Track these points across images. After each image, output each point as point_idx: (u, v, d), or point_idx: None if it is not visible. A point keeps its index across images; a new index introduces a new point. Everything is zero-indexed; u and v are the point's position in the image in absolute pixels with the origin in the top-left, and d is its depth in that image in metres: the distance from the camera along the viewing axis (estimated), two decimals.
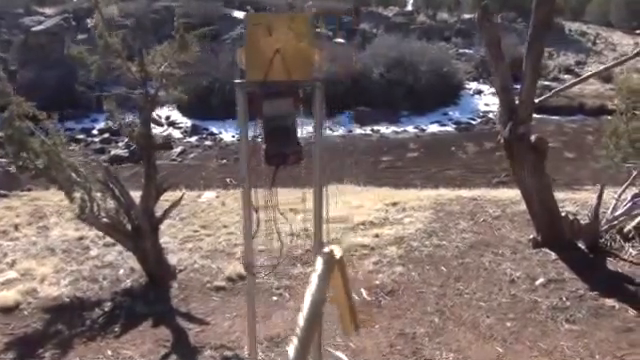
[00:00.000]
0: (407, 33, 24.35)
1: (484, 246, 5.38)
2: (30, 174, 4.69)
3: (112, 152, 16.21)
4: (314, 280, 1.83)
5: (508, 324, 4.03)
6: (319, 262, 1.89)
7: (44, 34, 21.13)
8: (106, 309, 4.48)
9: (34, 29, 21.64)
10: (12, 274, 5.12)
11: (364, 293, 4.58)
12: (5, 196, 8.49)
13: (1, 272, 5.20)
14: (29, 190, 8.71)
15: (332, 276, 2.02)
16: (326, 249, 2.04)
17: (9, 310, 4.45)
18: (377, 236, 5.79)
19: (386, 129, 18.80)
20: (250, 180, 2.11)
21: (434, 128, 19.06)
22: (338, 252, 1.97)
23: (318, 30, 24.39)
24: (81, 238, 6.05)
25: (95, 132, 18.60)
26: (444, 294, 4.55)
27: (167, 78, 4.67)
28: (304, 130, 2.09)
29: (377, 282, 4.76)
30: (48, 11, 24.92)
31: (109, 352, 3.86)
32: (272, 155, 1.93)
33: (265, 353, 3.73)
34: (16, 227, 6.63)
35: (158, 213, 4.89)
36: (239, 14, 24.27)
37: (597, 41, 28.83)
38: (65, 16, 23.32)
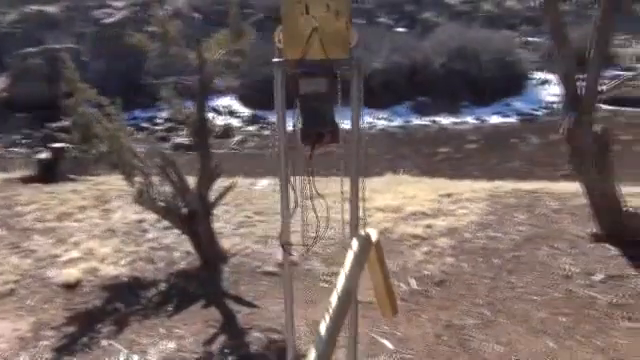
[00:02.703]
0: (471, 21, 23.75)
1: (541, 239, 5.20)
2: (93, 159, 4.91)
3: (175, 140, 16.79)
4: (348, 262, 1.83)
5: (562, 319, 3.88)
6: (354, 244, 1.89)
7: (114, 26, 22.02)
8: (161, 289, 4.65)
9: (104, 21, 22.65)
10: (75, 253, 5.39)
11: (413, 283, 4.54)
12: (73, 180, 8.94)
13: (66, 251, 5.47)
14: (96, 175, 9.10)
15: (368, 259, 2.01)
16: (362, 232, 2.02)
17: (71, 287, 4.69)
18: (429, 227, 5.71)
19: (445, 120, 18.47)
20: (287, 158, 2.13)
21: (496, 119, 18.58)
22: (374, 235, 1.96)
23: (380, 19, 24.16)
24: (140, 221, 6.28)
25: (160, 121, 19.25)
26: (496, 287, 4.44)
27: (223, 65, 4.78)
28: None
29: (427, 272, 4.70)
30: (117, 4, 25.82)
31: (162, 330, 4.00)
32: (307, 134, 1.93)
33: (307, 337, 3.76)
34: (81, 209, 6.96)
35: (213, 198, 5.02)
36: None
37: None
38: (134, 9, 24.17)
